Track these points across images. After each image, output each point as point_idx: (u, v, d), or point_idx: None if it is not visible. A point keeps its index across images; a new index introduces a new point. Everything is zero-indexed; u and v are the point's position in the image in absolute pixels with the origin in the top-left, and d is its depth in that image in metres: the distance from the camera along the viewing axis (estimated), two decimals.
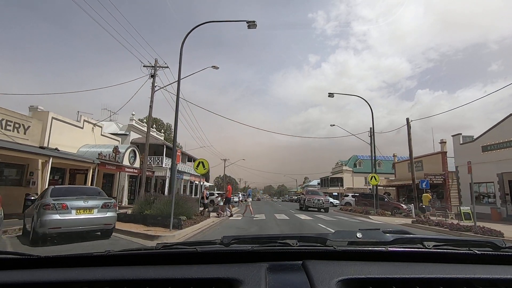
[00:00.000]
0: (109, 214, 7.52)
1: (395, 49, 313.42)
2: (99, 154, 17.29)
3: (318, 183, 60.01)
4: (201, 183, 39.78)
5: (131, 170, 20.94)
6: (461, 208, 17.72)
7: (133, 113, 27.54)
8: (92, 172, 16.29)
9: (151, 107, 22.71)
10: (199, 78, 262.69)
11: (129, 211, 13.04)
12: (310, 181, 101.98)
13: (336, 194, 49.15)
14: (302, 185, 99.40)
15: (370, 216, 18.09)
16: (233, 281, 0.86)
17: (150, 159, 26.95)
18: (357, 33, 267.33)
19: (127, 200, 26.30)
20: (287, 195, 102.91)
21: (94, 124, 21.45)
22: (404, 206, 23.16)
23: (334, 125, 33.81)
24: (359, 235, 1.16)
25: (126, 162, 20.26)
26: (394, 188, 35.72)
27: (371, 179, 19.56)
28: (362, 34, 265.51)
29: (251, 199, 17.88)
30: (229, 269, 0.92)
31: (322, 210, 21.20)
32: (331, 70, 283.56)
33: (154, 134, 31.69)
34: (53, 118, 17.01)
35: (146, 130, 31.32)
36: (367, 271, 0.89)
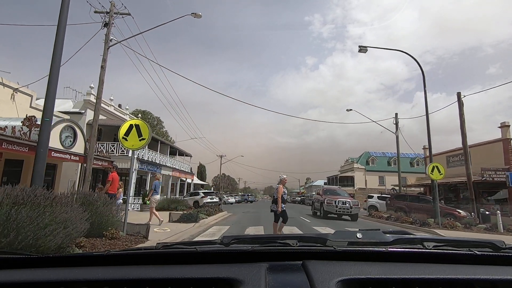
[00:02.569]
0: None
1: (391, 52, 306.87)
2: None
3: (325, 183, 52.65)
4: (187, 181, 32.55)
5: (66, 156, 13.78)
6: None
7: (92, 85, 20.39)
8: None
9: (103, 67, 15.69)
10: (200, 78, 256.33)
11: None
12: (312, 181, 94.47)
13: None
14: (305, 185, 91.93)
15: (436, 230, 10.84)
16: (233, 281, 0.83)
17: (113, 145, 19.86)
18: (353, 36, 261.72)
19: None
20: (289, 196, 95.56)
21: (15, 90, 14.35)
22: (462, 213, 15.90)
23: (351, 109, 26.73)
24: (359, 235, 1.14)
25: (56, 143, 13.10)
26: (422, 188, 28.43)
27: (431, 170, 12.33)
28: (358, 37, 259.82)
29: (158, 196, 10.68)
30: (229, 269, 0.90)
31: (347, 217, 14.10)
32: (329, 72, 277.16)
33: (126, 117, 24.59)
34: None
35: (111, 110, 24.23)
36: (367, 271, 0.87)
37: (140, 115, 36.25)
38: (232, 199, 39.80)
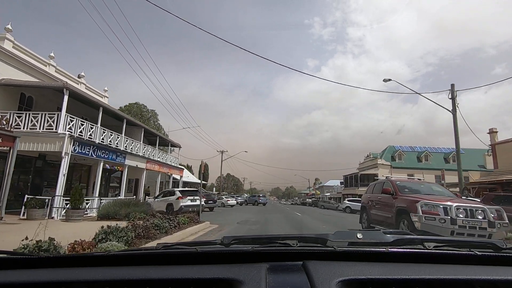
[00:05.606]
0: None
1: (392, 53, 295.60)
2: None
3: (341, 182, 44.35)
4: (174, 177, 24.72)
5: None
6: None
7: (9, 26, 12.88)
8: None
9: None
10: (206, 79, 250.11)
11: None
12: (321, 182, 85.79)
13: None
14: (314, 186, 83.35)
15: None
16: (233, 281, 0.81)
17: (35, 117, 12.22)
18: (353, 38, 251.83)
19: None
20: (297, 197, 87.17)
21: None
22: None
23: (389, 79, 19.06)
24: (359, 235, 1.09)
25: None
26: (473, 187, 19.94)
27: None
28: (358, 39, 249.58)
29: None
30: (230, 270, 0.87)
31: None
32: (330, 74, 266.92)
33: (81, 87, 17.01)
34: None
35: (49, 72, 16.61)
36: (367, 271, 0.84)
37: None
38: (232, 201, 31.80)
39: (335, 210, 32.49)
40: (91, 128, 13.92)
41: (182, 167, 27.58)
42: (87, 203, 13.34)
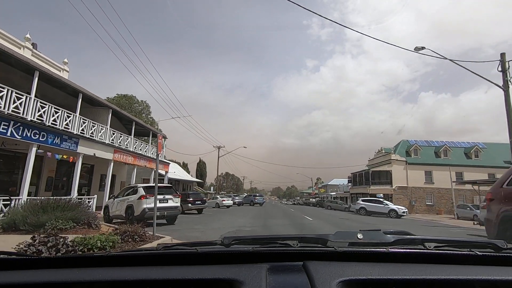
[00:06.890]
0: None
1: (391, 54, 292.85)
2: None
3: (349, 181, 39.89)
4: (158, 172, 20.45)
5: None
6: None
7: None
8: None
9: None
10: (206, 79, 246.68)
11: None
12: (323, 181, 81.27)
13: (382, 195, 29.11)
14: (316, 186, 78.84)
15: None
16: (233, 281, 0.80)
17: None
18: (351, 39, 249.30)
19: None
20: (298, 197, 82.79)
21: None
22: None
23: (423, 47, 15.00)
24: (360, 236, 1.06)
25: None
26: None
27: None
28: (356, 39, 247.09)
29: None
30: (230, 270, 0.86)
31: None
32: (330, 74, 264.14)
33: (27, 54, 12.75)
34: None
35: None
36: (368, 272, 0.83)
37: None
38: (228, 201, 27.47)
39: (343, 211, 28.24)
40: (18, 98, 9.64)
41: (168, 161, 23.23)
42: (5, 205, 9.08)
